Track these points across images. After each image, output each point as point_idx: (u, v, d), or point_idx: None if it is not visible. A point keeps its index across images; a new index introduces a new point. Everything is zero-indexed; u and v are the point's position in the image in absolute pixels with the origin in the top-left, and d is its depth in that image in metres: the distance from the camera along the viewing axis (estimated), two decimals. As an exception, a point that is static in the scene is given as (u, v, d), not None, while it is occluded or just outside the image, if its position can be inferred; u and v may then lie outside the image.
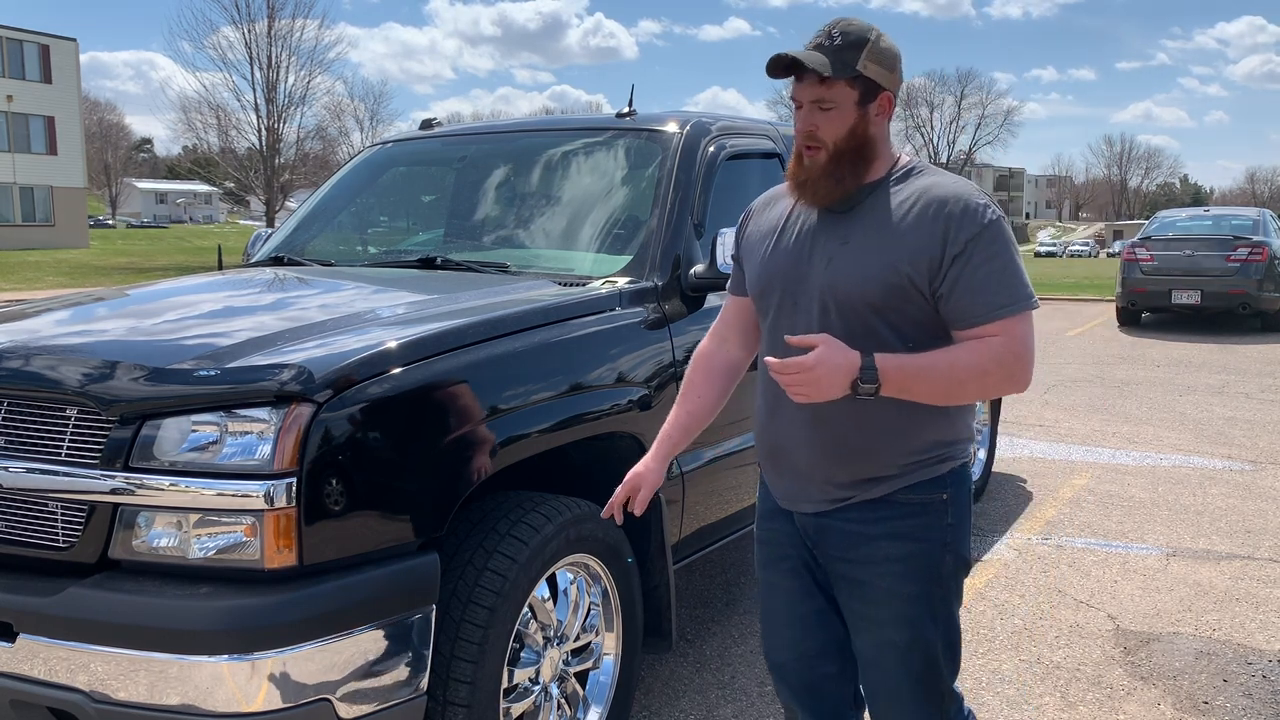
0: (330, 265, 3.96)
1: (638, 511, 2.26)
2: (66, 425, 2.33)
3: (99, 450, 2.27)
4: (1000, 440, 6.79)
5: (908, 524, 2.02)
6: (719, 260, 3.23)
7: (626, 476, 2.27)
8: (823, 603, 2.18)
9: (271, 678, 2.13)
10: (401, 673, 2.32)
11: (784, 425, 2.07)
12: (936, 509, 2.03)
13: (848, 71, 1.91)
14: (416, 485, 2.39)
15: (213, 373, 2.31)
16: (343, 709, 2.23)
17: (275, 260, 4.07)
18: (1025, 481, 6.35)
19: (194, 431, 2.23)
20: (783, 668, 2.26)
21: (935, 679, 2.09)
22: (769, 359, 1.86)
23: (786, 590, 2.21)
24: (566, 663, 2.83)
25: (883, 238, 1.93)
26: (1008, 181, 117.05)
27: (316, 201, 4.50)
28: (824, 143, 1.95)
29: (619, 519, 2.29)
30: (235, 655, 2.11)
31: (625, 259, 3.41)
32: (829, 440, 2.01)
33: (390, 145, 4.66)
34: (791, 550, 2.19)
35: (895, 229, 1.92)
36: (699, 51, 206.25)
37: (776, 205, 2.17)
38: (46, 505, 2.33)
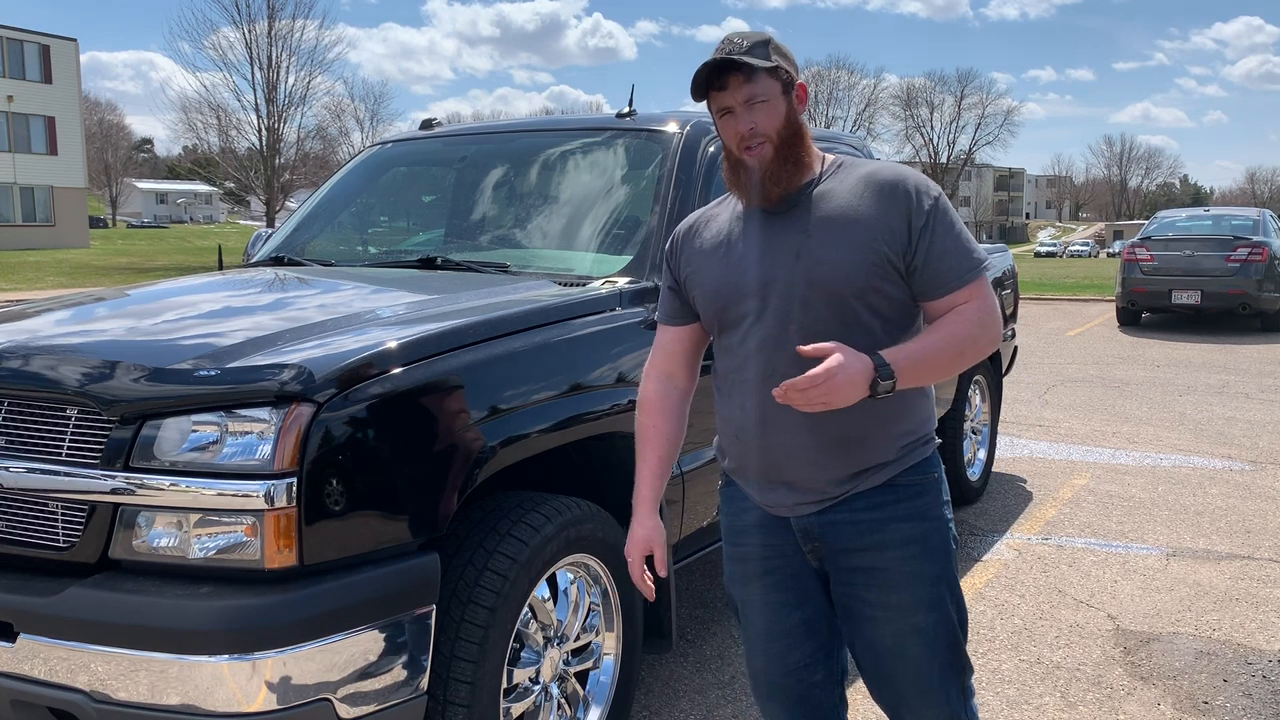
0: (330, 265, 3.97)
1: (663, 571, 2.21)
2: (67, 425, 2.33)
3: (99, 450, 2.27)
4: (1000, 440, 6.79)
5: (914, 505, 2.06)
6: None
7: (630, 545, 2.20)
8: (809, 612, 2.15)
9: (271, 678, 2.13)
10: (401, 673, 2.32)
11: (780, 435, 2.04)
12: (933, 488, 2.09)
13: (768, 62, 1.99)
14: (417, 485, 2.39)
15: (213, 373, 2.31)
16: (343, 709, 2.23)
17: (275, 260, 4.07)
18: (1025, 481, 6.35)
19: (194, 431, 2.23)
20: (772, 686, 2.22)
21: (958, 654, 2.11)
22: (787, 384, 1.82)
23: (770, 605, 2.17)
24: (566, 663, 2.83)
25: (848, 222, 1.98)
26: (1008, 181, 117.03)
27: (317, 202, 4.50)
28: (767, 135, 2.00)
29: (651, 592, 2.21)
30: (235, 655, 2.11)
31: (625, 259, 3.41)
32: (831, 438, 2.01)
33: (390, 145, 4.66)
34: (778, 562, 2.14)
35: (857, 212, 1.98)
36: (697, 52, 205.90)
37: (710, 224, 2.17)
38: (47, 505, 2.33)
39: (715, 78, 2.00)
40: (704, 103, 2.06)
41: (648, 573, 2.22)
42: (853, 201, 2.00)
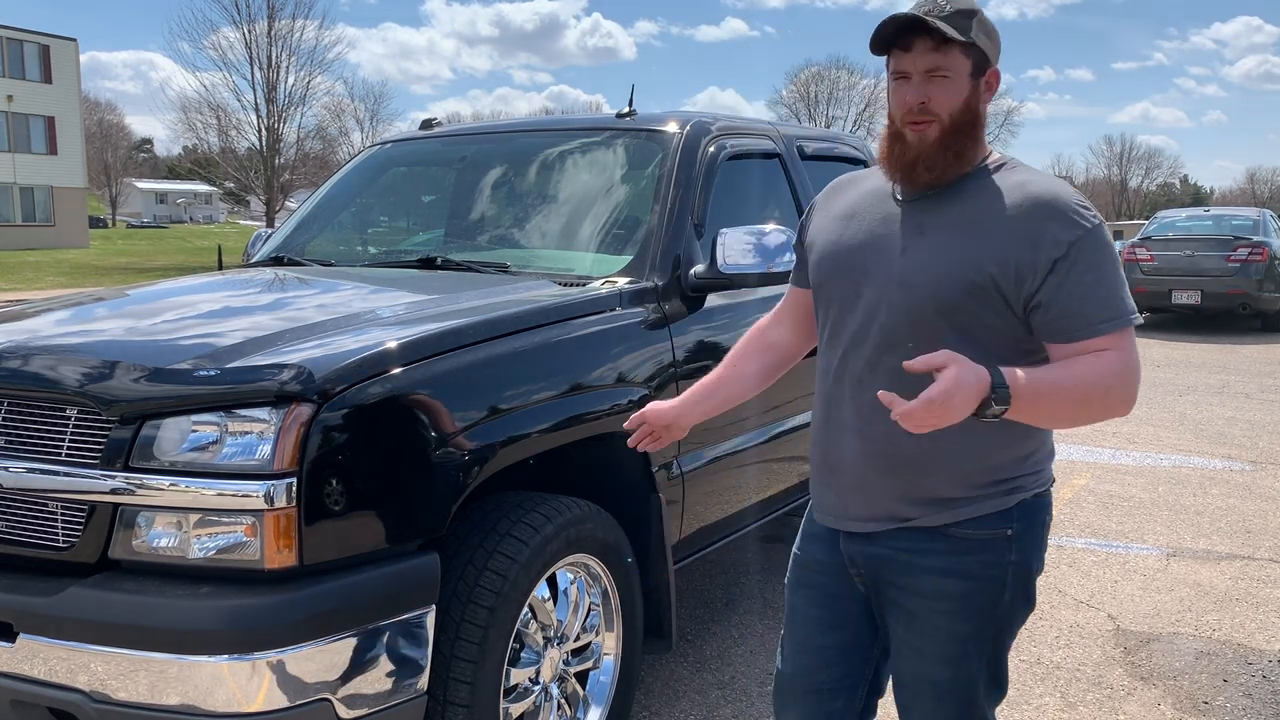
0: (330, 265, 3.97)
1: (650, 448, 2.24)
2: (66, 425, 2.33)
3: (99, 450, 2.27)
4: (1000, 440, 6.77)
5: (963, 560, 1.86)
6: (719, 260, 3.23)
7: (648, 412, 2.21)
8: (846, 637, 2.06)
9: (272, 678, 2.13)
10: (401, 673, 2.32)
11: (836, 436, 1.92)
12: (998, 546, 1.86)
13: (965, 36, 1.76)
14: (416, 485, 2.39)
15: (213, 373, 2.31)
16: (343, 709, 2.23)
17: (275, 260, 4.07)
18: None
19: (194, 431, 2.23)
20: (792, 695, 2.13)
21: (971, 713, 1.97)
22: (901, 406, 1.58)
23: (810, 619, 2.09)
24: (566, 663, 2.83)
25: (967, 232, 1.77)
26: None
27: (316, 202, 4.50)
28: (937, 115, 1.78)
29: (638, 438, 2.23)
30: (235, 655, 2.11)
31: (625, 259, 3.41)
32: (880, 453, 1.86)
33: (390, 145, 4.66)
34: (825, 579, 2.05)
35: (982, 224, 1.76)
36: (697, 52, 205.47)
37: (845, 193, 2.03)
38: (47, 505, 2.33)
39: (901, 35, 1.78)
40: (884, 58, 1.85)
41: (652, 438, 2.22)
42: (984, 210, 1.77)
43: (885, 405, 1.61)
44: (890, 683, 2.09)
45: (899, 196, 1.89)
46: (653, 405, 2.23)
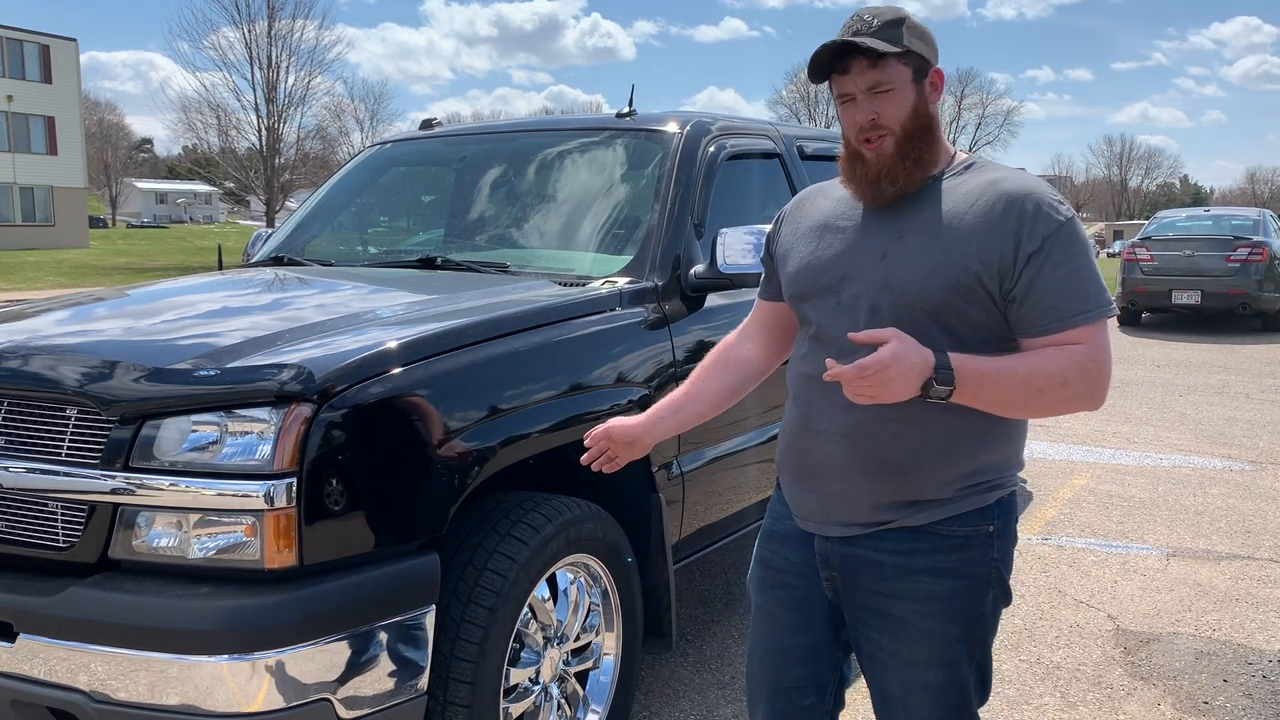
0: (330, 265, 3.97)
1: (606, 469, 2.21)
2: (66, 425, 2.33)
3: (99, 450, 2.27)
4: (1000, 440, 6.77)
5: (950, 559, 1.87)
6: (719, 260, 3.23)
7: (613, 428, 2.18)
8: (812, 638, 2.06)
9: (272, 678, 2.13)
10: (401, 673, 2.32)
11: (818, 442, 1.92)
12: (981, 542, 1.88)
13: (898, 46, 1.80)
14: (416, 485, 2.39)
15: (213, 373, 2.31)
16: (343, 709, 2.23)
17: (275, 260, 4.07)
18: (1025, 481, 6.35)
19: (194, 431, 2.23)
20: (761, 693, 2.14)
21: (965, 715, 1.97)
22: (834, 371, 1.67)
23: (778, 620, 2.09)
24: (566, 663, 2.83)
25: (946, 232, 1.79)
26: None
27: (317, 202, 4.50)
28: (889, 128, 1.83)
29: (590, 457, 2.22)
30: (235, 655, 2.11)
31: (625, 259, 3.41)
32: (869, 458, 1.86)
33: (390, 145, 4.66)
34: (794, 580, 2.05)
35: (960, 223, 1.79)
36: (696, 52, 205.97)
37: (815, 204, 2.05)
38: (47, 505, 2.33)
39: (837, 60, 1.83)
40: (824, 84, 1.89)
41: (607, 458, 2.20)
42: (960, 209, 1.80)
43: (828, 368, 1.67)
44: (873, 702, 2.06)
45: (872, 204, 1.91)
46: (617, 421, 2.19)
